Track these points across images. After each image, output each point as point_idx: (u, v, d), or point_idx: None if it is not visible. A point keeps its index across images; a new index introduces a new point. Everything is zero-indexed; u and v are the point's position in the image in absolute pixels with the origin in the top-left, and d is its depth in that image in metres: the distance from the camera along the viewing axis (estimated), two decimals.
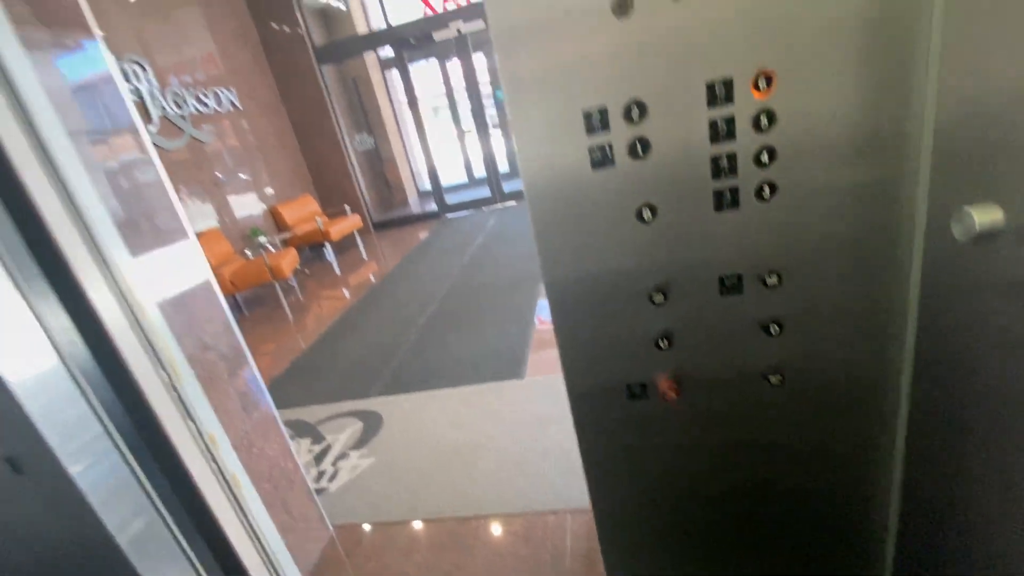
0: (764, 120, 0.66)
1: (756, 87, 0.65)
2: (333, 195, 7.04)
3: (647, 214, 0.73)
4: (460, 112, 7.47)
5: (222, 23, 5.79)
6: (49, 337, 1.12)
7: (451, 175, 8.48)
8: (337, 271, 5.77)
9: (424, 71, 8.14)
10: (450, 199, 7.42)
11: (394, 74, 7.90)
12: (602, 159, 0.70)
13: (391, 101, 8.21)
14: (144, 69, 4.71)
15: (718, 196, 0.70)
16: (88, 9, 1.44)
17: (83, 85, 1.41)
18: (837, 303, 0.74)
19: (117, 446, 1.24)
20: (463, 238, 5.82)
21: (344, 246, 6.62)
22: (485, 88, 7.10)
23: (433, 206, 7.46)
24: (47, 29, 1.34)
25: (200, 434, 1.44)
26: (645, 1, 0.62)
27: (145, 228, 1.48)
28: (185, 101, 5.06)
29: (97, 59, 1.43)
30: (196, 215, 5.11)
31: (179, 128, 4.97)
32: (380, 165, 8.11)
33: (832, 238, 0.70)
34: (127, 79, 4.50)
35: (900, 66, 0.61)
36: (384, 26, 6.71)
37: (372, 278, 5.23)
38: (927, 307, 0.68)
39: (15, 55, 1.09)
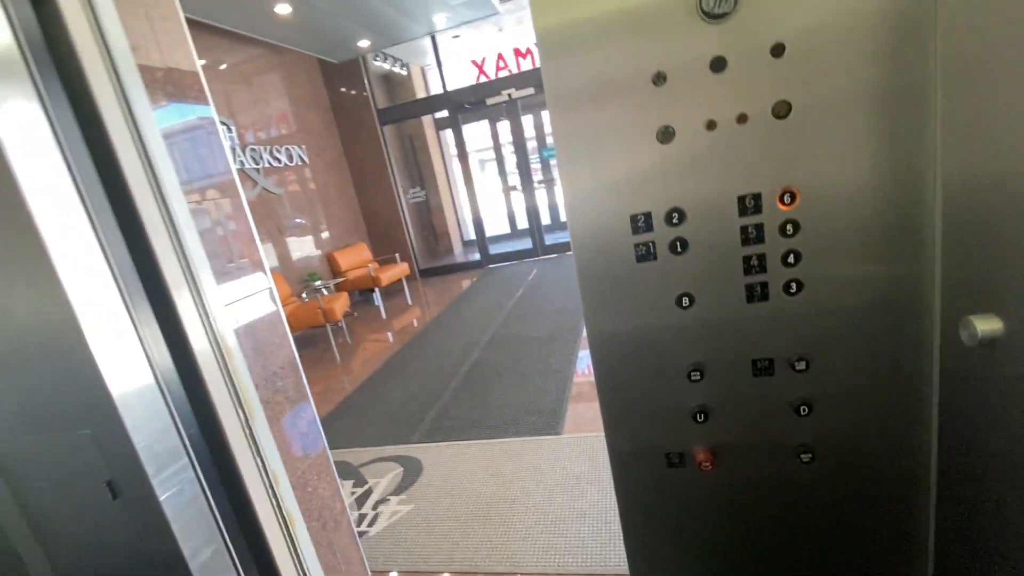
0: (789, 228, 0.76)
1: (782, 201, 0.75)
2: (384, 243, 7.45)
3: (686, 302, 0.83)
4: (506, 167, 7.86)
5: (298, 88, 6.46)
6: (148, 358, 1.29)
7: (495, 226, 8.81)
8: (384, 315, 6.02)
9: (475, 128, 8.68)
10: (493, 249, 7.69)
11: (447, 132, 8.46)
12: (646, 254, 0.82)
13: (443, 156, 8.74)
14: (230, 129, 5.29)
15: (749, 290, 0.80)
16: (206, 84, 1.75)
17: (195, 141, 1.71)
18: (863, 389, 0.80)
19: (198, 477, 1.39)
20: (505, 288, 6.00)
21: (391, 291, 6.93)
22: (531, 144, 7.48)
23: (477, 255, 7.74)
24: (175, 98, 1.64)
25: (265, 471, 1.58)
26: (685, 131, 0.75)
27: (229, 258, 1.71)
28: (261, 156, 5.61)
29: (209, 122, 1.74)
30: None
31: (253, 180, 5.49)
32: (429, 215, 8.54)
33: (855, 330, 0.78)
34: None
35: (910, 187, 0.71)
36: (441, 91, 7.27)
37: (416, 323, 5.44)
38: (947, 396, 0.73)
39: (147, 119, 1.32)
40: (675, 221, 0.79)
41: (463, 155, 7.48)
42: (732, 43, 0.71)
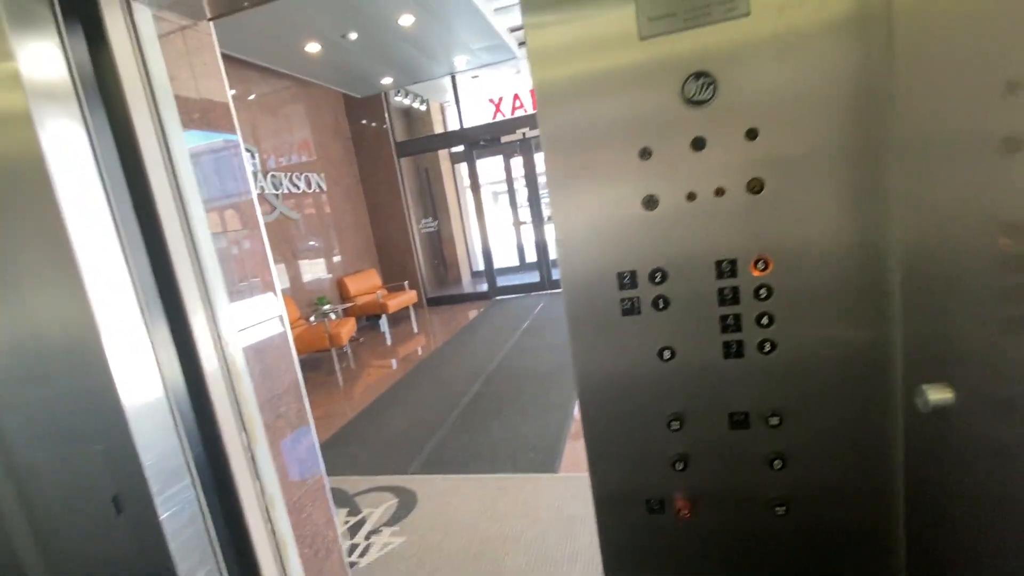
0: (763, 292, 0.82)
1: (756, 267, 0.82)
2: (394, 270, 7.58)
3: (667, 354, 0.88)
4: (517, 200, 8.04)
5: (321, 118, 6.74)
6: (161, 377, 1.34)
7: (504, 258, 8.94)
8: (389, 342, 6.09)
9: (489, 162, 8.92)
10: (501, 281, 7.79)
11: (462, 165, 8.71)
12: (631, 309, 0.88)
13: (456, 187, 8.97)
14: (253, 155, 5.52)
15: (726, 347, 0.86)
16: (235, 116, 1.91)
17: (220, 166, 1.85)
18: (833, 448, 0.84)
19: (198, 498, 1.43)
20: (510, 321, 6.05)
21: (398, 318, 7.01)
22: (542, 179, 7.67)
23: (485, 286, 7.84)
24: (206, 126, 1.79)
25: (263, 495, 1.62)
26: (668, 200, 0.83)
27: (243, 281, 1.80)
28: (281, 182, 5.82)
29: (235, 149, 1.90)
30: None
31: (272, 205, 5.68)
32: (440, 245, 8.70)
33: (825, 390, 0.83)
34: None
35: (874, 258, 0.77)
36: (458, 127, 7.54)
37: (420, 351, 5.49)
38: (911, 460, 0.77)
39: (178, 144, 1.42)
40: (658, 280, 0.86)
41: (476, 187, 7.69)
42: (711, 126, 0.79)
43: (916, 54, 0.69)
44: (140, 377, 1.28)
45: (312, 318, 5.57)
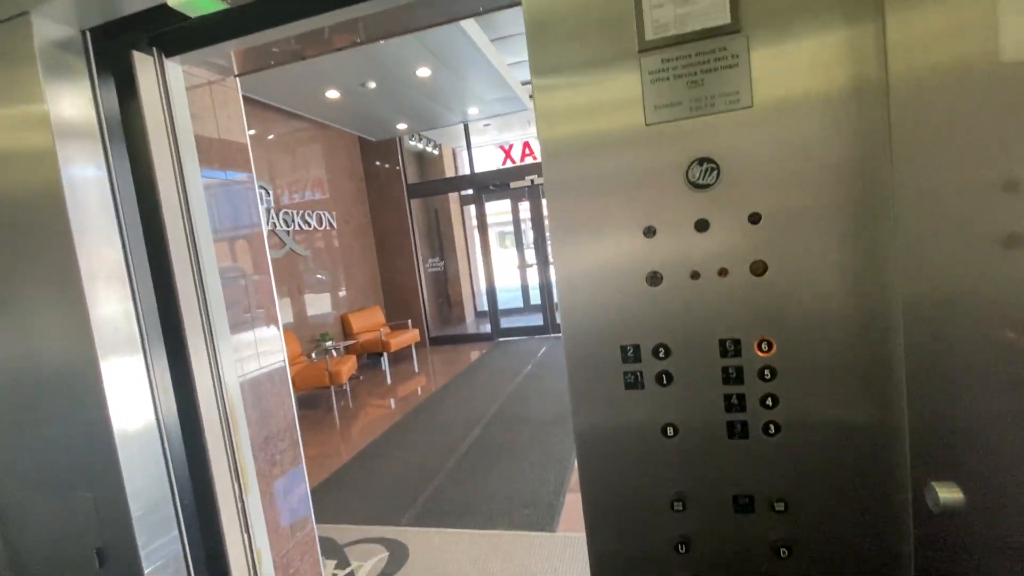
0: (767, 373, 0.82)
1: (759, 348, 0.82)
2: (399, 308, 7.60)
3: (670, 431, 0.87)
4: (524, 241, 8.13)
5: (336, 159, 6.94)
6: (158, 423, 1.32)
7: (508, 299, 8.96)
8: (389, 381, 6.03)
9: (497, 204, 9.10)
10: (504, 323, 7.77)
11: (471, 207, 8.88)
12: (634, 383, 0.88)
13: (464, 228, 9.11)
14: (268, 192, 5.66)
15: (730, 427, 0.84)
16: (252, 156, 1.98)
17: (233, 202, 1.92)
18: (840, 540, 0.81)
19: (184, 552, 1.39)
20: (512, 364, 6.00)
21: (400, 357, 6.97)
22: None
23: (488, 327, 7.82)
24: (223, 167, 1.86)
25: (251, 548, 1.57)
26: (672, 278, 0.84)
27: (246, 311, 1.81)
28: (293, 219, 5.94)
29: (249, 187, 1.96)
30: None
31: (282, 241, 5.78)
32: (445, 284, 8.76)
33: (831, 479, 0.81)
34: None
35: (878, 345, 0.77)
36: (468, 171, 7.74)
37: (420, 392, 5.42)
38: (922, 559, 0.74)
39: (194, 181, 1.46)
40: (662, 355, 0.86)
41: (483, 227, 7.81)
42: (715, 209, 0.81)
43: (912, 130, 0.71)
44: (137, 419, 1.27)
45: (313, 354, 5.55)
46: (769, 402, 0.82)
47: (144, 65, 1.33)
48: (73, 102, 1.20)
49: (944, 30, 0.69)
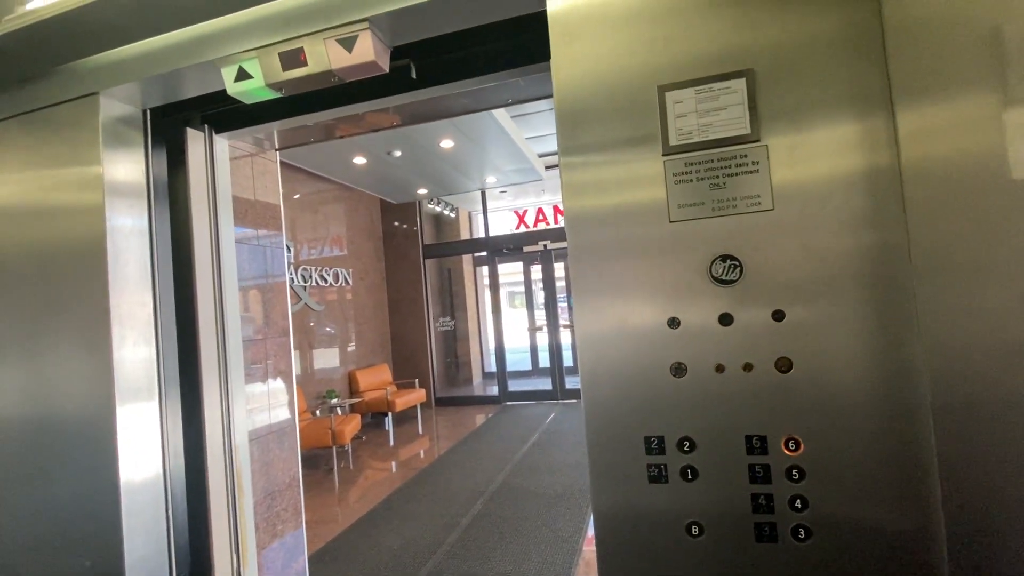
0: (795, 473, 0.80)
1: (787, 447, 0.81)
2: (407, 367, 7.55)
3: (695, 530, 0.84)
4: (535, 302, 8.17)
5: (356, 219, 7.19)
6: (166, 492, 1.29)
7: (517, 361, 8.87)
8: (392, 442, 5.87)
9: (510, 266, 9.24)
10: (512, 386, 7.65)
11: (484, 268, 9.03)
12: (658, 476, 0.86)
13: (476, 288, 9.21)
14: (289, 250, 5.83)
15: (758, 528, 0.81)
16: (283, 217, 2.07)
17: (260, 258, 1.98)
18: None
19: None
20: (520, 431, 5.84)
21: (404, 417, 6.84)
22: (560, 283, 7.84)
23: (495, 389, 7.69)
24: (256, 226, 1.94)
25: None
26: (696, 370, 0.85)
27: (261, 364, 1.81)
28: (310, 275, 6.07)
29: (278, 245, 2.03)
30: None
31: (298, 296, 5.88)
32: (454, 343, 8.73)
33: None
34: None
35: (911, 444, 0.75)
36: (483, 235, 7.95)
37: (423, 456, 5.26)
38: None
39: (228, 242, 1.52)
40: (686, 449, 0.85)
41: (495, 288, 7.89)
42: (738, 304, 0.83)
43: (929, 230, 0.74)
44: (144, 473, 1.25)
45: (318, 411, 5.47)
46: (798, 504, 0.80)
47: (195, 139, 1.44)
48: (126, 167, 1.31)
49: (955, 129, 0.74)
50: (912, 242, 0.75)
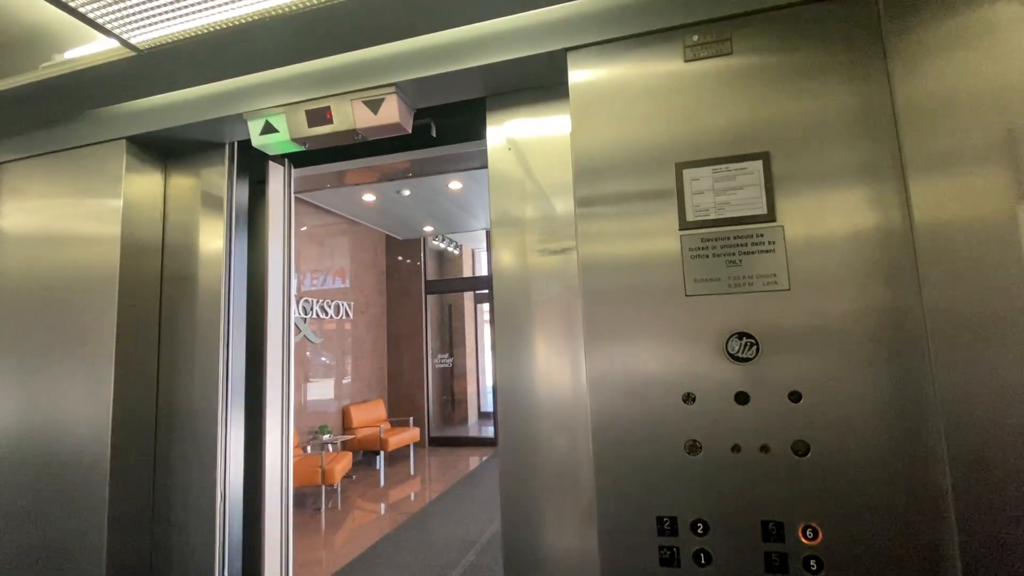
0: (813, 564, 0.77)
1: (805, 535, 0.78)
2: (402, 404, 7.42)
3: None
4: None
5: (361, 252, 7.24)
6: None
7: None
8: (382, 483, 5.70)
9: None
10: None
11: (484, 304, 9.02)
12: (670, 559, 0.82)
13: (475, 324, 9.17)
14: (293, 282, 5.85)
15: None
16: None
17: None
18: None
19: None
20: None
21: (396, 456, 6.66)
22: None
23: (490, 430, 7.54)
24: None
25: None
26: (711, 449, 0.83)
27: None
28: (312, 308, 6.06)
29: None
30: None
31: (298, 328, 5.85)
32: (451, 380, 8.61)
33: None
34: None
35: (936, 530, 0.73)
36: (486, 271, 7.98)
37: (413, 499, 5.10)
38: None
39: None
40: (700, 531, 0.82)
41: (495, 323, 7.85)
42: (755, 383, 0.82)
43: (945, 310, 0.73)
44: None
45: (309, 447, 5.34)
46: None
47: (275, 171, 1.47)
48: (212, 194, 1.39)
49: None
50: (926, 310, 0.75)
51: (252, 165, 1.43)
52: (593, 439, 0.89)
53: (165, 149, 1.37)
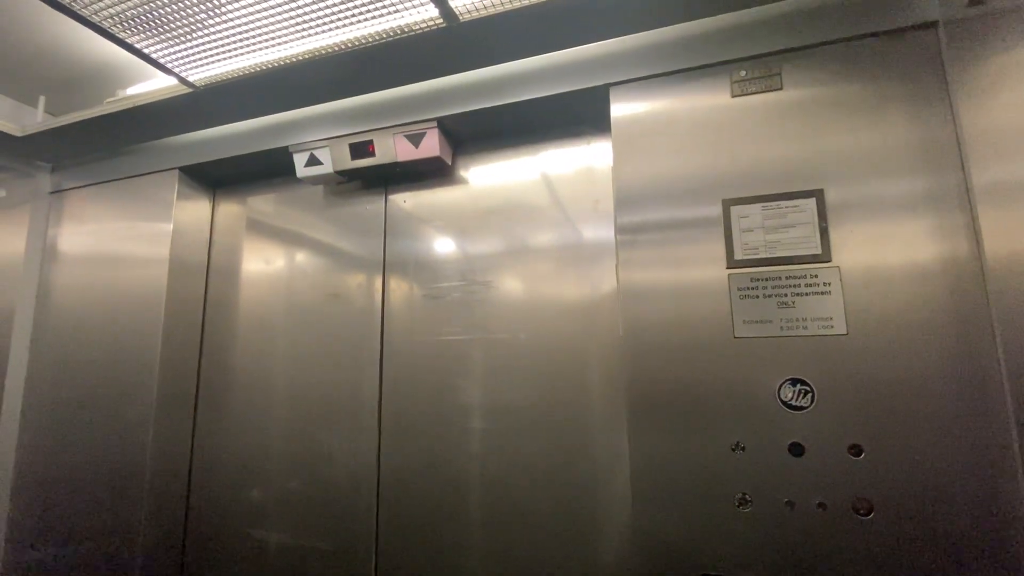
0: None
1: None
2: None
3: None
4: None
5: None
6: None
7: None
8: None
9: None
10: None
11: None
12: None
13: None
14: None
15: None
16: None
17: None
18: None
19: None
20: None
21: None
22: None
23: None
24: None
25: None
26: (762, 503, 0.78)
27: None
28: None
29: None
30: None
31: None
32: None
33: None
34: None
35: None
36: None
37: None
38: None
39: None
40: None
41: None
42: (811, 434, 0.77)
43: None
44: None
45: None
46: None
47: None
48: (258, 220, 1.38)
49: None
50: (1002, 351, 0.69)
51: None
52: (633, 487, 0.85)
53: (214, 178, 1.43)
